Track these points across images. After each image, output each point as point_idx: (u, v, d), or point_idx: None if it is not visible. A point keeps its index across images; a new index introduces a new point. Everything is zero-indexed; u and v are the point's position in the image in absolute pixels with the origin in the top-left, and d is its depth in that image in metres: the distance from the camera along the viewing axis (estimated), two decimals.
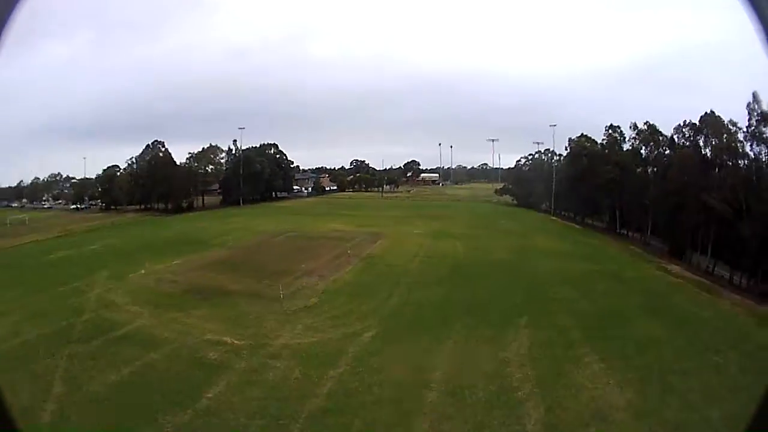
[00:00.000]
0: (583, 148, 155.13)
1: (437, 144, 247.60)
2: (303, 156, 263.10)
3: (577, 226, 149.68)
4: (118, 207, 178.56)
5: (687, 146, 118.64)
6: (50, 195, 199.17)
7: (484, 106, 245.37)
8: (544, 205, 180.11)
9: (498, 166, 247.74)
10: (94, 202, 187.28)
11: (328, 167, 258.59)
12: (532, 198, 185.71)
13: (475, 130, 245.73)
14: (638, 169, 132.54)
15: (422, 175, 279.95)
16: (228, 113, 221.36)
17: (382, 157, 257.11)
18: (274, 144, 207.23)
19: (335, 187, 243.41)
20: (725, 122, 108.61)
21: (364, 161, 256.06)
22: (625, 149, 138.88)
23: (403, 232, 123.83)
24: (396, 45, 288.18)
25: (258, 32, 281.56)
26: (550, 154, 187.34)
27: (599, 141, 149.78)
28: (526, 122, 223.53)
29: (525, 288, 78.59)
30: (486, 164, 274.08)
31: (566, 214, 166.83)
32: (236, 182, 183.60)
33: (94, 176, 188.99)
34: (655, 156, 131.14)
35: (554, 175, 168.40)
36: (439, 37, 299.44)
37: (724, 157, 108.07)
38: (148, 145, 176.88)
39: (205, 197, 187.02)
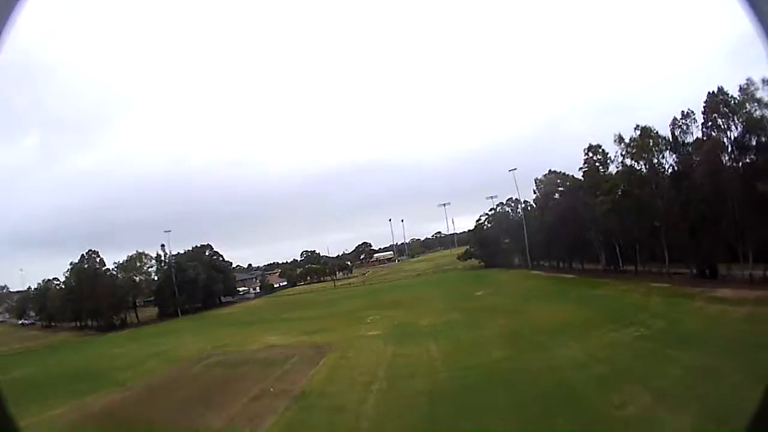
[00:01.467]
0: (555, 186, 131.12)
1: (387, 221, 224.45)
2: (251, 254, 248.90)
3: (569, 276, 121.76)
4: (54, 324, 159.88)
5: (704, 139, 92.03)
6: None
7: (429, 174, 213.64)
8: (516, 260, 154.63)
9: (453, 232, 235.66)
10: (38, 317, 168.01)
11: (280, 262, 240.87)
12: (501, 255, 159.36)
13: (422, 200, 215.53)
14: (636, 190, 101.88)
15: (375, 255, 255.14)
16: (172, 218, 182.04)
17: (332, 244, 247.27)
18: (208, 245, 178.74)
19: (285, 283, 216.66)
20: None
21: (314, 251, 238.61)
22: (612, 171, 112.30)
23: (356, 337, 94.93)
24: (329, 131, 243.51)
25: (196, 134, 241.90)
26: (513, 204, 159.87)
27: (571, 174, 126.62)
28: (474, 181, 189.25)
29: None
30: (440, 232, 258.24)
31: (546, 264, 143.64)
32: (171, 292, 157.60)
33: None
34: (655, 166, 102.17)
35: (524, 225, 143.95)
36: (372, 117, 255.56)
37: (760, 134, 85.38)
38: (83, 255, 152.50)
39: (142, 310, 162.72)
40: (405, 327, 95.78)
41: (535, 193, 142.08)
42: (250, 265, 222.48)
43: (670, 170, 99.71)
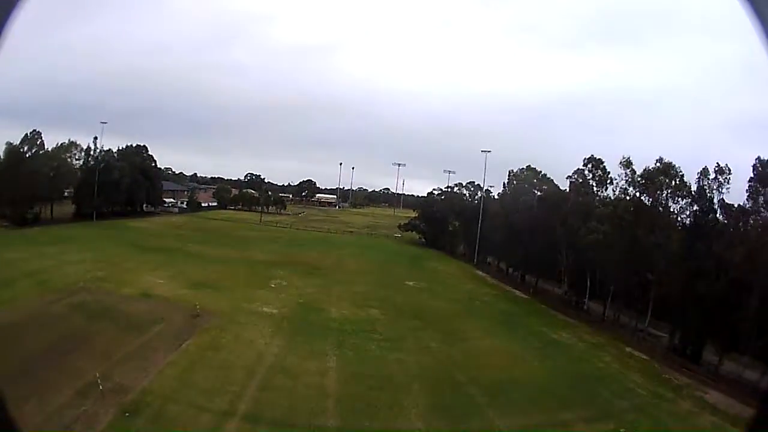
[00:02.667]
0: (532, 186, 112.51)
1: (338, 163, 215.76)
2: (199, 163, 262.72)
3: (520, 293, 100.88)
4: None
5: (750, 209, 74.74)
6: None
7: (392, 131, 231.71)
8: (461, 249, 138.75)
9: (401, 192, 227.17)
10: None
11: (225, 178, 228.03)
12: (446, 238, 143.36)
13: (380, 154, 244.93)
14: (639, 231, 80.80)
15: (318, 195, 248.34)
16: (140, 112, 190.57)
17: (281, 172, 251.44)
18: (143, 146, 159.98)
19: (215, 204, 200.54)
20: None
21: (259, 175, 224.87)
22: (607, 195, 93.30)
23: (246, 311, 71.71)
24: (312, 60, 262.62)
25: (180, 31, 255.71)
26: (473, 189, 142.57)
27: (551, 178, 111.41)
28: (435, 152, 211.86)
29: None
30: (388, 189, 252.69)
31: (493, 265, 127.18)
32: (90, 191, 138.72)
33: None
34: (666, 210, 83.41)
35: (480, 214, 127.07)
36: (353, 54, 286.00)
37: None
38: (26, 135, 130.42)
39: (60, 206, 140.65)
40: (309, 312, 73.59)
41: (504, 186, 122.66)
42: (193, 175, 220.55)
43: (681, 222, 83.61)
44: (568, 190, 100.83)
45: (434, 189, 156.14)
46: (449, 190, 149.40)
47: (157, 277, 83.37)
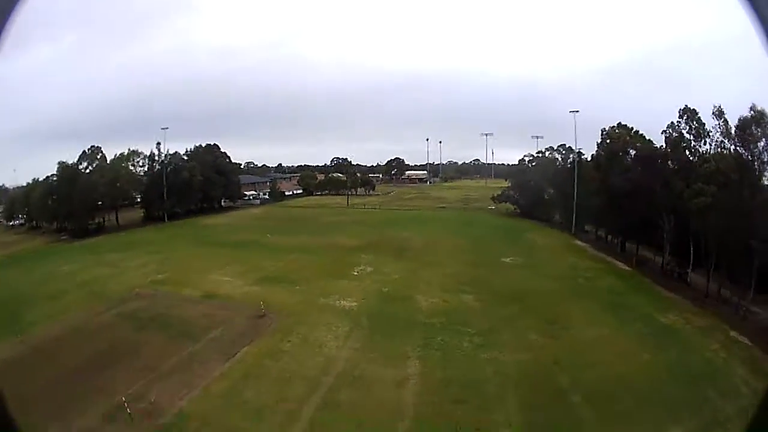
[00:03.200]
0: (625, 144, 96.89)
1: (425, 139, 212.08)
2: (286, 154, 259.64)
3: (621, 264, 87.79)
4: (39, 226, 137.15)
5: None
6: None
7: (476, 102, 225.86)
8: (557, 217, 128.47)
9: (492, 162, 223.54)
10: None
11: (312, 165, 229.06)
12: (541, 207, 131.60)
13: (466, 126, 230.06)
14: (746, 191, 68.44)
15: (408, 172, 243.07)
16: (216, 115, 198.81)
17: (370, 151, 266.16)
18: (214, 145, 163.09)
19: (300, 191, 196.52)
20: None
21: (345, 158, 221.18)
22: (705, 150, 79.08)
23: (321, 306, 63.30)
24: (385, 44, 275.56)
25: (246, 33, 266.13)
26: (564, 152, 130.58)
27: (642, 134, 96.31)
28: (521, 118, 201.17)
29: None
30: (478, 160, 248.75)
31: (592, 234, 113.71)
32: (158, 194, 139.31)
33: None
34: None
35: (575, 180, 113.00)
36: (430, 34, 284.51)
37: None
38: (84, 152, 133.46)
39: (129, 212, 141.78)
40: (394, 304, 63.53)
41: (598, 147, 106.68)
42: (278, 165, 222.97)
43: None
44: (664, 146, 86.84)
45: (525, 155, 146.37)
46: (540, 155, 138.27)
47: (225, 275, 77.69)
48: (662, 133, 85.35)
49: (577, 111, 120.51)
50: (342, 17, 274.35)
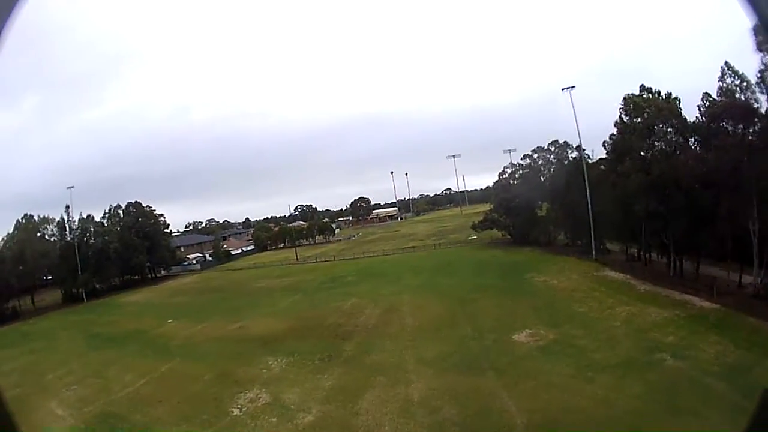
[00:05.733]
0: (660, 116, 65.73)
1: (389, 173, 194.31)
2: (249, 209, 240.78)
3: (702, 302, 51.52)
4: None
5: None
6: None
7: (439, 131, 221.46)
8: (562, 237, 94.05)
9: (464, 189, 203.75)
10: None
11: (278, 216, 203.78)
12: (538, 228, 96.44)
13: (432, 155, 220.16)
14: None
15: (376, 211, 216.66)
16: (177, 175, 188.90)
17: (335, 198, 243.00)
18: (135, 203, 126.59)
19: (250, 248, 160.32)
20: None
21: (310, 205, 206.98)
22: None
23: None
24: (340, 87, 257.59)
25: (201, 90, 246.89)
26: (559, 151, 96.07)
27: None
28: (486, 141, 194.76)
29: None
30: (450, 189, 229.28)
31: (619, 252, 79.36)
32: (72, 267, 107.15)
33: None
34: None
35: (587, 183, 78.78)
36: (384, 72, 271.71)
37: None
38: (17, 221, 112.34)
39: (45, 292, 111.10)
40: None
41: (611, 139, 73.14)
42: (245, 220, 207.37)
43: None
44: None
45: (505, 167, 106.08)
46: (528, 161, 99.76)
47: (60, 404, 48.18)
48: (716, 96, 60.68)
49: (573, 87, 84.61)
50: (294, 65, 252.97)
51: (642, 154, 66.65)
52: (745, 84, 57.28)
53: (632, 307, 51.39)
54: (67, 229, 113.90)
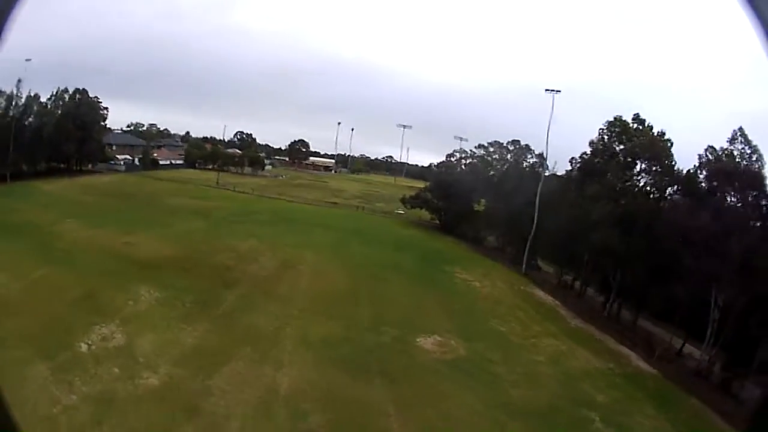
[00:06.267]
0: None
1: (336, 124, 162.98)
2: (192, 123, 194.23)
3: (641, 363, 45.02)
4: None
5: None
6: None
7: (394, 99, 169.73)
8: (491, 239, 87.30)
9: (405, 161, 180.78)
10: None
11: (218, 138, 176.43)
12: (470, 222, 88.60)
13: (381, 120, 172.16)
14: None
15: (313, 158, 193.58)
16: (137, 74, 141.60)
17: (277, 135, 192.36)
18: (82, 90, 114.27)
19: (179, 162, 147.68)
20: None
21: (251, 134, 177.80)
22: None
23: None
24: (305, 23, 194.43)
25: None
26: (516, 150, 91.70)
27: None
28: (438, 121, 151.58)
29: None
30: (391, 157, 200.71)
31: (549, 272, 73.29)
32: (5, 145, 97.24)
33: None
34: None
35: (538, 192, 73.70)
36: (352, 18, 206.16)
37: None
38: None
39: None
40: None
41: (581, 157, 70.11)
42: (186, 133, 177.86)
43: None
44: None
45: (455, 150, 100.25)
46: (480, 151, 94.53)
47: None
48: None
49: (559, 91, 77.13)
50: None
51: (614, 182, 62.09)
52: (756, 156, 55.05)
53: (561, 342, 44.67)
54: (13, 104, 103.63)
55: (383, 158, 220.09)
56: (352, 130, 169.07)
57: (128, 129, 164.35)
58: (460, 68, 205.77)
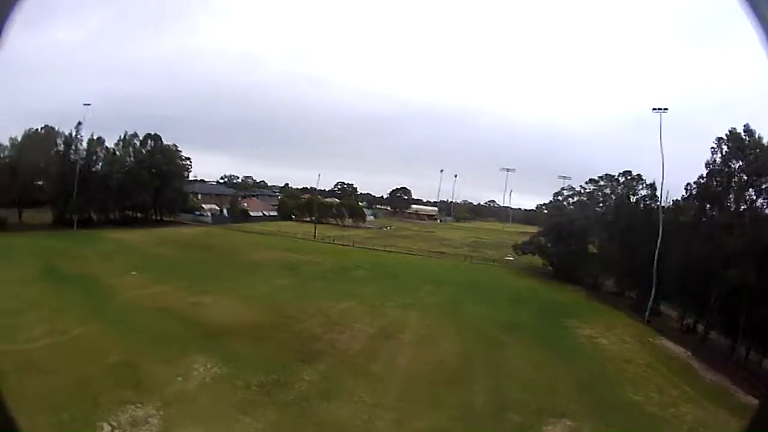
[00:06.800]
0: None
1: (438, 171, 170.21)
2: (291, 175, 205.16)
3: None
4: None
5: None
6: None
7: (494, 141, 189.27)
8: (610, 283, 78.37)
9: (508, 205, 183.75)
10: None
11: (317, 189, 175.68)
12: (586, 265, 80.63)
13: (483, 164, 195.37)
14: None
15: (415, 206, 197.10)
16: (229, 127, 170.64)
17: (378, 185, 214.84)
18: (154, 135, 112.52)
19: (273, 213, 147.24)
20: None
21: (351, 185, 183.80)
22: None
23: None
24: (403, 71, 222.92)
25: (268, 41, 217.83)
26: (627, 181, 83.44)
27: None
28: (540, 164, 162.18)
29: None
30: (494, 201, 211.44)
31: (677, 318, 63.14)
32: (67, 190, 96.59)
33: None
34: None
35: (660, 227, 65.16)
36: (454, 66, 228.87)
37: None
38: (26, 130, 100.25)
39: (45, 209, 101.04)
40: None
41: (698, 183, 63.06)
42: (285, 185, 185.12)
43: None
44: None
45: (562, 188, 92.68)
46: (596, 185, 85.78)
47: None
48: None
49: (666, 109, 73.33)
50: (362, 37, 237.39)
51: (735, 207, 56.63)
52: None
53: (699, 408, 36.66)
54: (74, 147, 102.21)
55: (486, 203, 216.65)
56: (456, 176, 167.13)
57: (222, 181, 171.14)
58: (561, 106, 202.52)
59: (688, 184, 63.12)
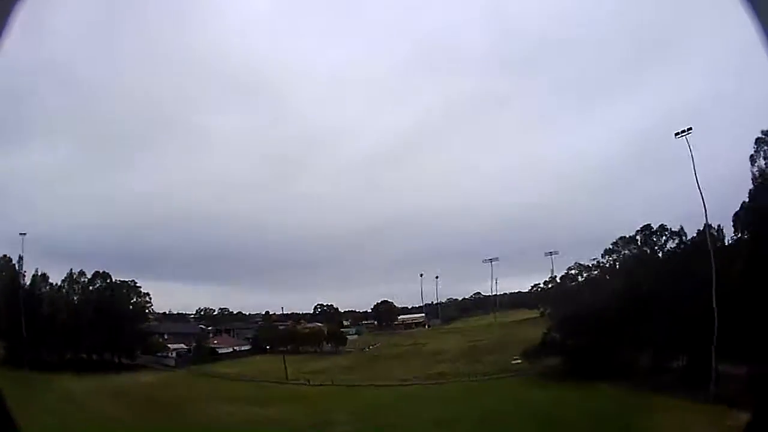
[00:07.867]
0: None
1: (418, 276, 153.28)
2: (269, 301, 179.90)
3: None
4: None
5: None
6: None
7: (472, 232, 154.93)
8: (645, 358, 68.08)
9: (495, 293, 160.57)
10: None
11: (299, 312, 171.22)
12: (616, 350, 67.67)
13: (461, 257, 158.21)
14: None
15: (401, 317, 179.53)
16: (203, 256, 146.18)
17: (359, 299, 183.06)
18: (104, 273, 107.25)
19: (246, 347, 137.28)
20: None
21: (332, 305, 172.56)
22: None
23: None
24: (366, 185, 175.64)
25: (246, 167, 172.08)
26: (658, 237, 72.44)
27: None
28: (523, 245, 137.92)
29: None
30: (479, 293, 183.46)
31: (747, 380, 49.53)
32: (15, 330, 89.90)
33: None
34: None
35: (714, 275, 57.42)
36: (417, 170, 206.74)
37: None
38: None
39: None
40: None
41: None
42: (265, 313, 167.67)
43: None
44: None
45: (569, 269, 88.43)
46: (617, 252, 76.85)
47: None
48: None
49: (690, 129, 66.10)
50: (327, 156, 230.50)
51: None
52: None
53: None
54: (21, 282, 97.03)
55: (471, 296, 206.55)
56: (437, 278, 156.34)
57: (199, 315, 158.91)
58: (533, 179, 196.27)
59: (736, 213, 59.08)
